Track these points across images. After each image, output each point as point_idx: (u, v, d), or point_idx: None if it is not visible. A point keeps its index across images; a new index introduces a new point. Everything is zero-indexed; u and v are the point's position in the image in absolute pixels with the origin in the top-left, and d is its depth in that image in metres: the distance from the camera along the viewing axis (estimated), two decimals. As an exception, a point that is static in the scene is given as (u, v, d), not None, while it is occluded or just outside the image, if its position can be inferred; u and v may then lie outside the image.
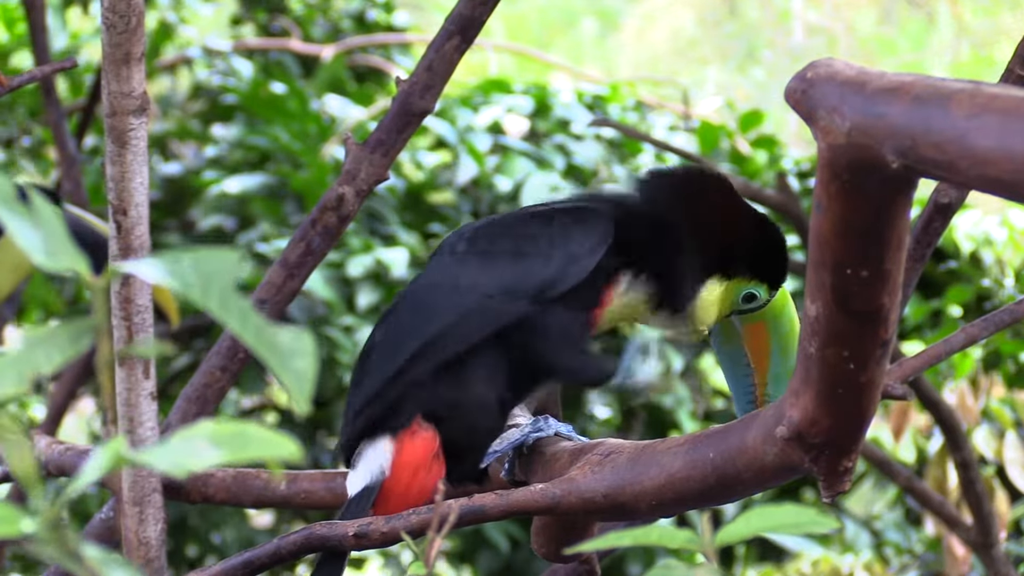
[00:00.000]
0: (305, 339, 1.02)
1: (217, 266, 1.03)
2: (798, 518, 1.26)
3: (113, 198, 2.24)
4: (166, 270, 1.02)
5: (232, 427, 0.99)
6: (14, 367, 1.01)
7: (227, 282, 1.03)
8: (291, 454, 0.99)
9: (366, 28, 7.73)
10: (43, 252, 1.04)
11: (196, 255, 1.03)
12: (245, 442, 0.98)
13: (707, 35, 13.94)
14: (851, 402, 1.56)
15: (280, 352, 1.01)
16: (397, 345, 1.98)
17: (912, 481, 4.40)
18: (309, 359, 1.01)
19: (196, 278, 1.02)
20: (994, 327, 2.06)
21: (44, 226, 1.05)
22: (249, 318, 1.01)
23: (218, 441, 0.98)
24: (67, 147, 4.54)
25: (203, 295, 1.02)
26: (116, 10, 2.19)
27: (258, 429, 0.99)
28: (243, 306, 1.02)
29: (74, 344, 1.02)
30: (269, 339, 1.01)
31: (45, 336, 1.02)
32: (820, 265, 1.46)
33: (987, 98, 1.24)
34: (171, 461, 0.98)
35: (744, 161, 6.56)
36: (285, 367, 1.01)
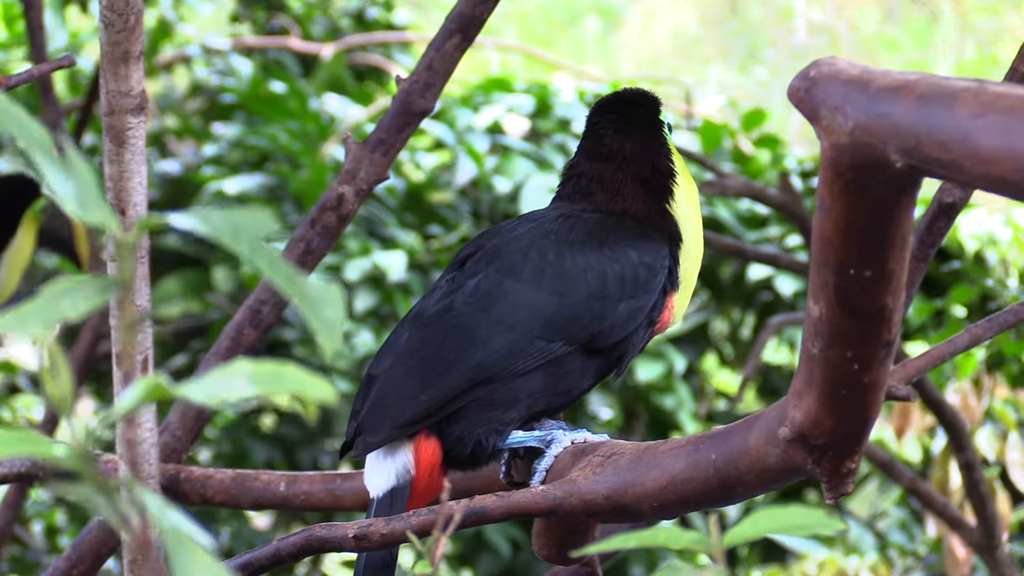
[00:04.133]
0: (333, 289, 1.06)
1: (247, 220, 1.07)
2: (805, 519, 1.26)
3: (111, 197, 2.23)
4: (198, 220, 1.05)
5: (268, 365, 1.03)
6: (40, 312, 1.03)
7: (257, 233, 1.06)
8: (325, 394, 1.02)
9: (366, 26, 7.73)
10: (76, 202, 1.06)
11: (227, 211, 1.07)
12: (280, 379, 1.02)
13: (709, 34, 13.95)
14: (854, 403, 1.56)
15: (311, 300, 1.05)
16: (441, 366, 1.99)
17: (916, 482, 4.39)
18: (339, 308, 1.05)
19: (228, 229, 1.06)
20: (998, 328, 2.05)
21: (78, 179, 1.07)
22: (279, 265, 1.05)
23: (254, 377, 1.02)
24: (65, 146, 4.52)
25: (234, 243, 1.05)
26: (114, 8, 2.18)
27: (293, 369, 1.02)
28: (272, 255, 1.05)
29: (100, 294, 1.05)
30: (300, 287, 1.05)
31: (71, 285, 1.04)
32: (823, 265, 1.45)
33: (991, 97, 1.23)
34: (207, 393, 1.01)
35: (747, 160, 6.55)
36: (316, 314, 1.04)
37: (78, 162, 1.07)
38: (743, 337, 6.36)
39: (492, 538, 5.86)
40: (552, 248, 2.05)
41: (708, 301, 6.39)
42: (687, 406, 6.09)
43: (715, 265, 6.37)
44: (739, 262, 6.19)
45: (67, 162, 1.07)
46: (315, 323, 1.04)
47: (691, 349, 6.27)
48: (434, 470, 2.00)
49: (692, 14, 13.94)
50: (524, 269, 2.03)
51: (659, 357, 6.05)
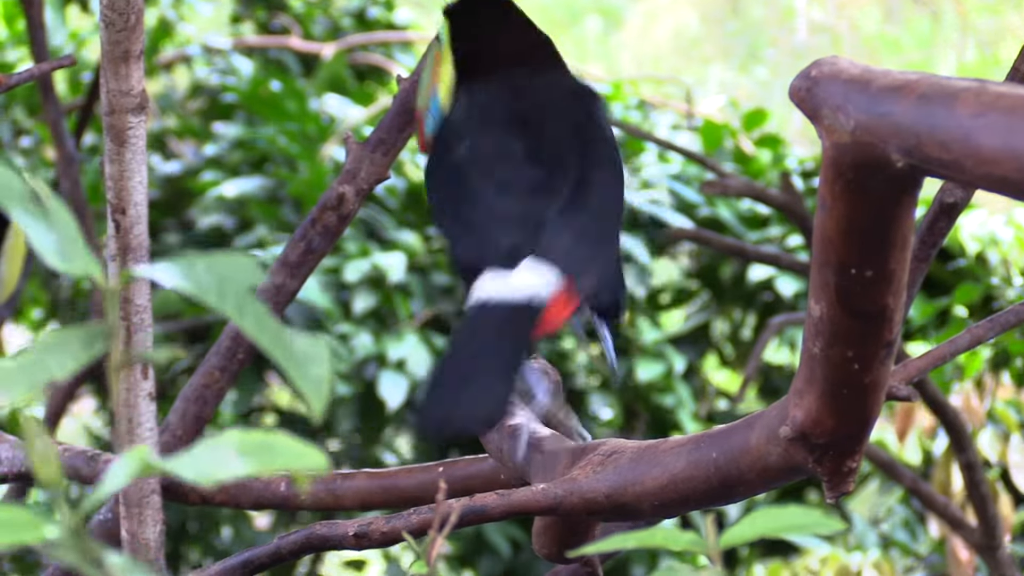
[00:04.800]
0: (320, 346, 1.03)
1: (233, 271, 1.03)
2: (804, 519, 1.26)
3: (112, 197, 2.23)
4: (181, 274, 1.02)
5: (258, 437, 0.99)
6: (26, 373, 1.00)
7: (243, 287, 1.03)
8: (319, 465, 0.99)
9: (367, 26, 7.73)
10: (58, 255, 1.03)
11: (211, 259, 1.04)
12: (272, 453, 0.98)
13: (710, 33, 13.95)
14: (855, 403, 1.56)
15: (296, 358, 1.02)
16: (612, 216, 2.05)
17: (917, 483, 4.39)
18: (325, 366, 1.02)
19: (212, 282, 1.02)
20: (1000, 328, 2.05)
21: (58, 228, 1.04)
22: (266, 323, 1.02)
23: (244, 451, 0.98)
24: (65, 146, 4.53)
25: (219, 299, 1.02)
26: (115, 8, 2.18)
27: (285, 439, 0.99)
28: (260, 311, 1.02)
29: (87, 349, 1.02)
30: (286, 345, 1.02)
31: (57, 341, 1.02)
32: (824, 265, 1.45)
33: (993, 96, 1.23)
34: (197, 471, 0.98)
35: (748, 160, 6.55)
36: (302, 373, 1.01)
37: (57, 208, 1.04)
38: (744, 337, 6.37)
39: (492, 538, 5.85)
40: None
41: (709, 301, 6.39)
42: (687, 406, 6.09)
43: (716, 265, 6.37)
44: (740, 262, 6.19)
45: (46, 210, 1.04)
46: (301, 383, 1.01)
47: (692, 349, 6.27)
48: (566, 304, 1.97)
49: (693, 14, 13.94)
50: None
51: (659, 357, 6.05)
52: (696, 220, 6.23)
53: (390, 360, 5.68)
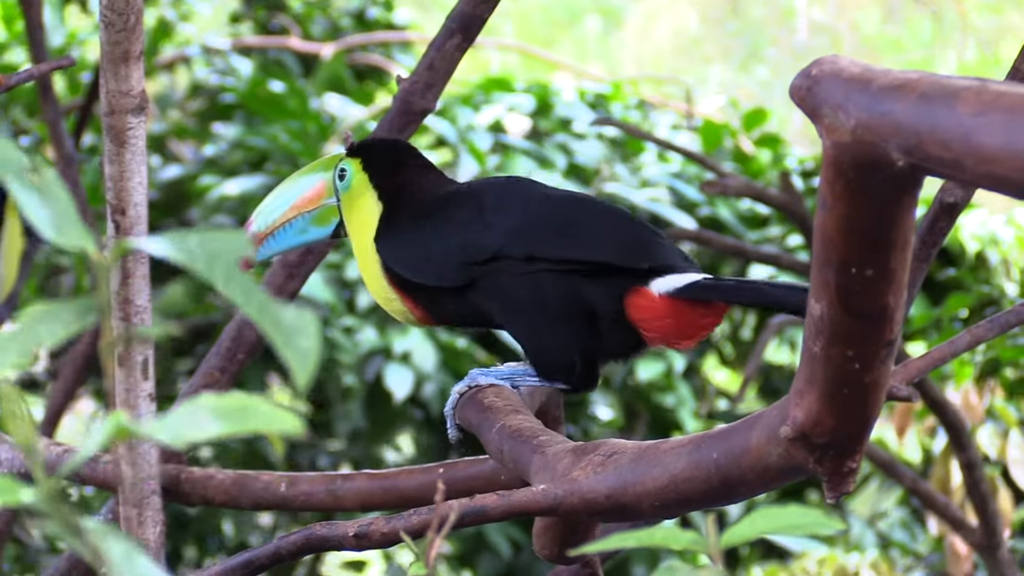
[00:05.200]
0: (308, 317, 1.03)
1: (223, 244, 1.04)
2: (803, 519, 1.25)
3: (111, 197, 2.23)
4: (172, 246, 1.03)
5: (235, 400, 1.00)
6: (17, 340, 1.01)
7: (232, 260, 1.03)
8: (292, 428, 0.99)
9: (366, 26, 7.72)
10: (52, 227, 1.04)
11: (203, 234, 1.04)
12: (247, 415, 0.99)
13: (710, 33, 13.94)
14: (856, 402, 1.55)
15: (284, 329, 1.02)
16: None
17: (917, 482, 4.39)
18: (313, 337, 1.02)
19: (202, 254, 1.03)
20: (999, 328, 2.05)
21: (53, 201, 1.05)
22: (253, 294, 1.02)
23: (220, 414, 0.99)
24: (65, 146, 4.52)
25: (208, 270, 1.03)
26: (115, 8, 2.18)
27: (261, 402, 1.00)
28: (247, 283, 1.03)
29: (79, 319, 1.02)
30: (274, 316, 1.02)
31: (48, 312, 1.02)
32: (825, 264, 1.44)
33: (993, 95, 1.22)
34: (172, 432, 0.99)
35: (748, 160, 6.55)
36: (289, 344, 1.01)
37: (53, 183, 1.05)
38: (744, 337, 6.36)
39: (492, 538, 5.85)
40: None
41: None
42: (688, 406, 6.09)
43: (716, 265, 6.36)
44: (740, 262, 6.19)
45: (42, 184, 1.04)
46: (288, 354, 1.01)
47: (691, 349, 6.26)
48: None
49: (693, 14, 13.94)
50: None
51: (659, 357, 6.05)
52: (696, 219, 6.23)
53: (395, 353, 5.69)
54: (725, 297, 2.07)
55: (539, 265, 2.10)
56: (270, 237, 2.30)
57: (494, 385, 2.16)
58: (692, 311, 2.08)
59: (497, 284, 2.13)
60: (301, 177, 2.32)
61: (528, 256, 2.11)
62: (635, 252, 2.09)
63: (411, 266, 2.19)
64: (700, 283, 2.06)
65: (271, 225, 2.30)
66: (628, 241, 2.11)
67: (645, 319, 2.09)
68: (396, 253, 2.21)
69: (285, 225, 2.30)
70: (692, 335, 2.12)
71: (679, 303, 2.07)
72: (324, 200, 2.29)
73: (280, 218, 2.30)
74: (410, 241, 2.20)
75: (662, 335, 2.11)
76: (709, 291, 2.06)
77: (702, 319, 2.10)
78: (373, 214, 2.26)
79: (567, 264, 2.10)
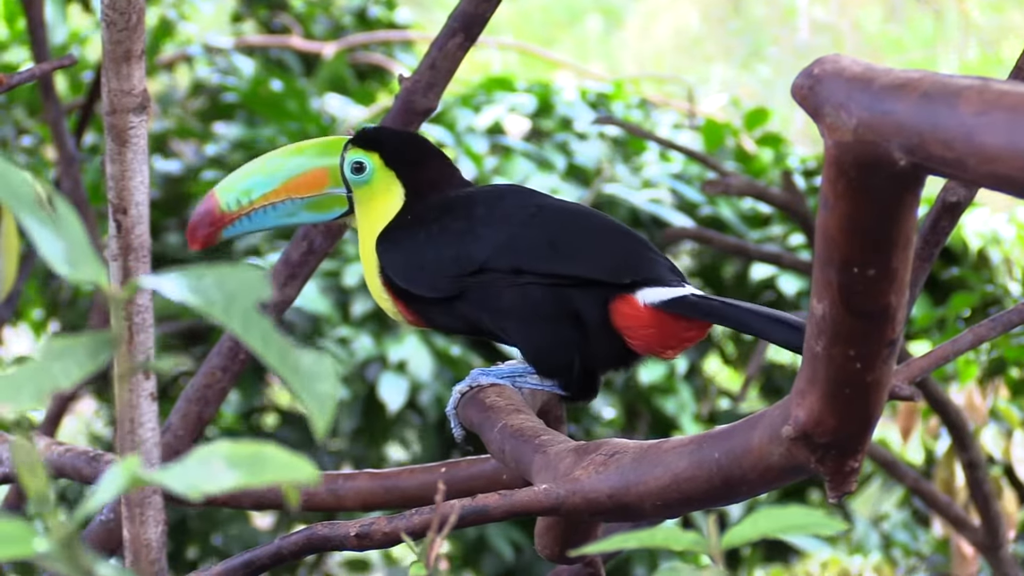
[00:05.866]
0: (326, 363, 1.02)
1: (241, 285, 1.02)
2: (805, 519, 1.25)
3: (113, 197, 2.23)
4: (189, 287, 1.01)
5: (248, 448, 0.98)
6: (32, 381, 0.99)
7: (250, 301, 1.02)
8: (309, 477, 0.98)
9: (368, 25, 7.72)
10: (65, 262, 1.02)
11: (220, 272, 1.03)
12: (262, 465, 0.97)
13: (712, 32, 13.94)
14: (858, 402, 1.55)
15: (303, 375, 1.01)
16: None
17: (919, 482, 4.38)
18: (331, 382, 1.01)
19: (219, 296, 1.01)
20: (1002, 327, 2.04)
21: (66, 234, 1.03)
22: (272, 340, 1.01)
23: (234, 463, 0.97)
24: (66, 145, 4.52)
25: (226, 314, 1.01)
26: (116, 7, 2.17)
27: (275, 451, 0.98)
28: (266, 327, 1.01)
29: (93, 358, 1.01)
30: (293, 362, 1.01)
31: (63, 349, 1.00)
32: (827, 263, 1.44)
33: (996, 95, 1.22)
34: (187, 483, 0.97)
35: (749, 159, 6.54)
36: (308, 390, 1.01)
37: (66, 214, 1.03)
38: (746, 337, 6.36)
39: (494, 539, 5.85)
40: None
41: (711, 298, 6.37)
42: (689, 406, 6.09)
43: (718, 264, 6.36)
44: (742, 261, 6.19)
45: (55, 217, 1.03)
46: (307, 399, 1.00)
47: (693, 349, 6.26)
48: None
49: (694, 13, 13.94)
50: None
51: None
52: (698, 219, 6.23)
53: (391, 362, 5.67)
54: (708, 316, 2.08)
55: (526, 278, 2.12)
56: (244, 217, 2.26)
57: (495, 384, 2.16)
58: (676, 324, 2.10)
59: (486, 295, 2.14)
60: (288, 159, 2.27)
61: (515, 269, 2.12)
62: (622, 267, 2.11)
63: (406, 274, 2.20)
64: (687, 299, 2.08)
65: (247, 205, 2.25)
66: (616, 256, 2.12)
67: (629, 327, 2.11)
68: (392, 257, 2.21)
69: (267, 206, 2.26)
70: (675, 346, 2.14)
71: (663, 315, 2.09)
72: (327, 188, 2.26)
73: (260, 199, 2.25)
74: (406, 248, 2.21)
75: (646, 343, 2.12)
76: (694, 308, 2.07)
77: (685, 332, 2.12)
78: (391, 212, 2.25)
79: (552, 278, 2.11)
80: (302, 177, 2.26)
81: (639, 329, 2.11)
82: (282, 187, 2.26)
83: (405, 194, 2.25)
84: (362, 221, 2.26)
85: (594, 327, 2.12)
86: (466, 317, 2.18)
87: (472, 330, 2.23)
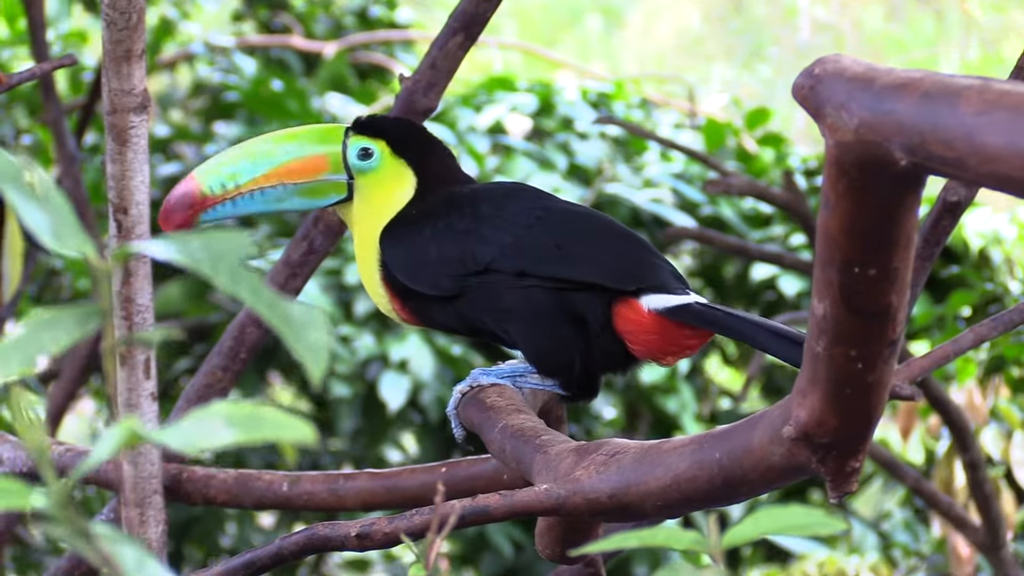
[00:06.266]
0: (316, 312, 1.03)
1: (226, 245, 1.04)
2: (805, 519, 1.25)
3: (113, 196, 2.23)
4: (175, 248, 1.02)
5: (246, 408, 1.00)
6: (20, 348, 1.00)
7: (236, 259, 1.03)
8: (305, 436, 0.99)
9: (369, 25, 7.72)
10: (51, 235, 1.04)
11: (205, 236, 1.04)
12: (259, 423, 0.99)
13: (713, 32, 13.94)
14: (858, 402, 1.55)
15: (294, 324, 1.02)
16: None
17: (920, 482, 4.38)
18: (322, 331, 1.02)
19: (206, 256, 1.02)
20: (1003, 327, 2.04)
21: (51, 208, 1.04)
22: (261, 291, 1.02)
23: (232, 421, 0.99)
24: (67, 145, 4.52)
25: (213, 272, 1.03)
26: (117, 7, 2.17)
27: (272, 411, 1.00)
28: (253, 280, 1.02)
29: (80, 326, 1.02)
30: (283, 312, 1.02)
31: (51, 318, 1.02)
32: (827, 263, 1.44)
33: (996, 94, 1.22)
34: (185, 440, 0.99)
35: (750, 159, 6.54)
36: (300, 339, 1.02)
37: (49, 189, 1.04)
38: (747, 337, 6.34)
39: (494, 538, 5.85)
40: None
41: (712, 300, 6.37)
42: (690, 406, 6.08)
43: (719, 264, 6.36)
44: (743, 261, 6.18)
45: (38, 191, 1.04)
46: (299, 348, 1.01)
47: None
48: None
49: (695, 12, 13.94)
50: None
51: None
52: (699, 219, 6.23)
53: (392, 361, 5.67)
54: (710, 326, 2.08)
55: (529, 280, 2.11)
56: (228, 201, 2.19)
57: (496, 384, 2.15)
58: (678, 331, 2.10)
59: (487, 295, 2.13)
60: (280, 144, 2.22)
61: (519, 272, 2.11)
62: (628, 273, 2.10)
63: (408, 270, 2.17)
64: (691, 307, 2.07)
65: (232, 189, 2.19)
66: (622, 261, 2.12)
67: (631, 331, 2.10)
68: (396, 252, 2.19)
69: (255, 191, 2.20)
70: (675, 353, 2.14)
71: (667, 322, 2.08)
72: (325, 175, 2.22)
73: (249, 183, 2.19)
74: (410, 243, 2.18)
75: (647, 349, 2.12)
76: (697, 317, 2.07)
77: (687, 339, 2.12)
78: (399, 202, 2.22)
79: (557, 281, 2.11)
80: (298, 162, 2.21)
81: (641, 334, 2.10)
82: (273, 172, 2.20)
83: (417, 183, 2.23)
84: (363, 209, 2.23)
85: (596, 330, 2.11)
86: (465, 316, 2.17)
87: (469, 330, 2.21)
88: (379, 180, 2.22)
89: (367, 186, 2.22)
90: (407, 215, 2.21)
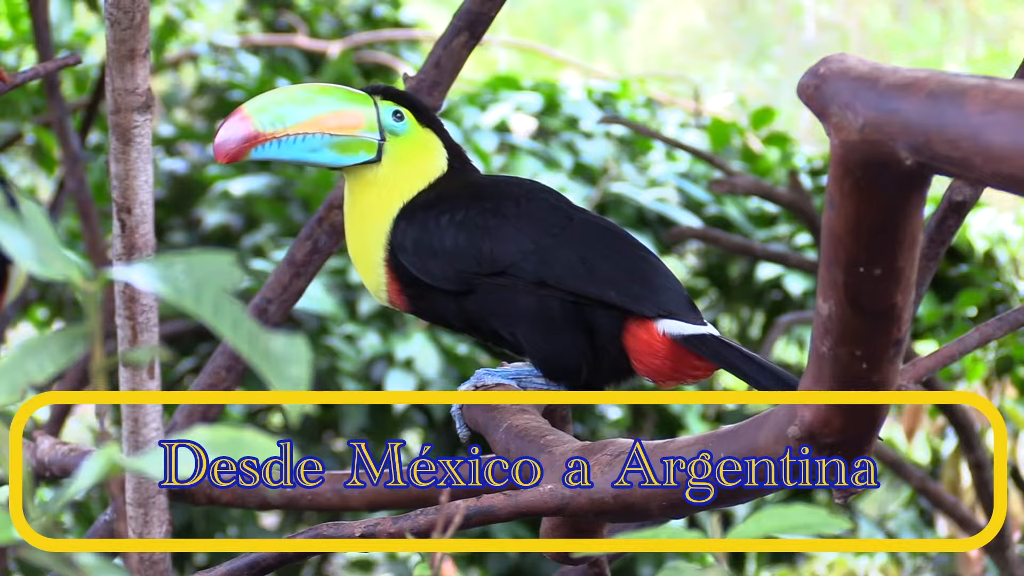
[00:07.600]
0: (299, 345, 1.01)
1: (210, 271, 1.01)
2: (809, 519, 1.25)
3: (117, 196, 2.23)
4: (158, 276, 1.00)
5: (226, 432, 0.98)
6: (6, 376, 0.99)
7: (220, 287, 1.01)
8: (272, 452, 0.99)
9: (373, 24, 7.72)
10: (34, 259, 1.02)
11: (189, 259, 1.02)
12: (237, 445, 0.98)
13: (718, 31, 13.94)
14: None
15: (273, 360, 1.00)
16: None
17: (926, 482, 4.37)
18: (303, 366, 1.00)
19: (189, 284, 1.00)
20: (1008, 326, 2.04)
21: (34, 231, 1.03)
22: (242, 324, 0.99)
23: (212, 444, 0.98)
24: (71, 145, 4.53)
25: (196, 302, 1.00)
26: (120, 6, 2.17)
27: (253, 435, 0.98)
28: (236, 312, 1.00)
29: (66, 352, 1.00)
30: (263, 346, 1.00)
31: (37, 344, 1.00)
32: (832, 263, 1.44)
33: (1002, 94, 1.21)
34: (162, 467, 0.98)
35: (756, 158, 6.53)
36: (279, 375, 0.99)
37: (33, 211, 1.03)
38: (752, 336, 6.35)
39: (499, 536, 5.85)
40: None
41: (717, 300, 6.38)
42: (695, 406, 6.08)
43: (724, 264, 6.35)
44: (748, 261, 6.18)
45: (20, 215, 1.03)
46: (277, 383, 0.99)
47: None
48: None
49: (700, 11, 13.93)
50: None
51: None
52: (704, 218, 6.22)
53: (398, 359, 5.67)
54: (719, 361, 2.07)
55: (548, 291, 2.10)
56: (274, 140, 2.19)
57: (500, 385, 2.15)
58: (687, 360, 2.09)
59: (498, 297, 2.12)
60: (318, 95, 2.21)
61: (539, 281, 2.10)
62: (648, 297, 2.09)
63: (416, 256, 2.15)
64: (707, 339, 2.06)
65: (280, 130, 2.18)
66: (643, 285, 2.10)
67: (641, 351, 2.10)
68: (407, 233, 2.17)
69: (298, 136, 2.19)
70: (678, 379, 2.13)
71: (679, 349, 2.08)
72: (360, 131, 2.20)
73: (294, 127, 2.19)
74: (426, 229, 2.16)
75: (651, 370, 2.12)
76: (711, 351, 2.06)
77: (693, 370, 2.11)
78: (430, 173, 2.22)
79: (574, 296, 2.10)
80: (336, 115, 2.20)
81: (650, 356, 2.09)
82: (314, 120, 2.19)
83: (448, 157, 2.24)
84: (390, 173, 2.21)
85: (604, 343, 2.11)
86: (468, 313, 2.15)
87: (468, 326, 2.19)
88: (411, 145, 2.22)
89: (398, 149, 2.21)
90: (427, 197, 2.19)
